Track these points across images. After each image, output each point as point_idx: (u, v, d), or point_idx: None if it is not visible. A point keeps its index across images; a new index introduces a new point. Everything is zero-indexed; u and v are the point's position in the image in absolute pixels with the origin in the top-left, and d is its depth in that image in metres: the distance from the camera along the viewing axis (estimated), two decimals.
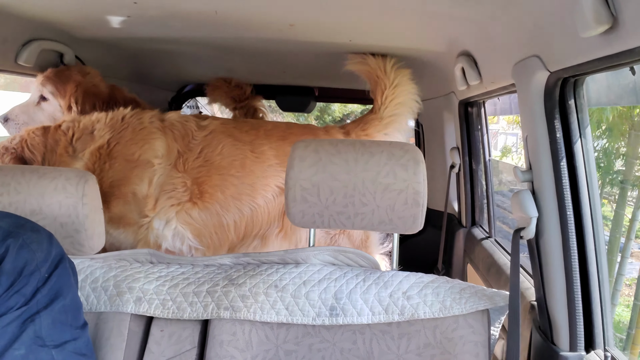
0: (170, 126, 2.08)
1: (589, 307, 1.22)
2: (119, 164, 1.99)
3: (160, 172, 2.01)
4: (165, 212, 2.00)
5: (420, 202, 1.27)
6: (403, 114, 2.28)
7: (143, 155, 2.00)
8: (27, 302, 0.96)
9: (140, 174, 1.99)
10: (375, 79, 2.28)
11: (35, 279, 0.98)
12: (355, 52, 2.25)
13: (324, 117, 10.93)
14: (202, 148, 2.06)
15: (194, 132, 2.09)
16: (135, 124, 2.04)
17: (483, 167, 2.38)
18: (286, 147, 2.11)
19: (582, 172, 1.22)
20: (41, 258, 1.00)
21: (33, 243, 1.01)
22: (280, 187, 2.10)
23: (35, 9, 1.70)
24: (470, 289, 1.27)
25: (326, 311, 1.24)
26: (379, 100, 2.28)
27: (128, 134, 2.02)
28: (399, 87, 2.25)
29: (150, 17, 1.81)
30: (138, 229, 2.02)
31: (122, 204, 1.98)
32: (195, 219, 2.03)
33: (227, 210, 2.06)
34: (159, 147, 2.03)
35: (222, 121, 2.20)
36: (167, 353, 1.24)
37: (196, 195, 2.02)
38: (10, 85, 4.93)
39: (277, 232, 2.16)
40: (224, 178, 2.05)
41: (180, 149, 2.05)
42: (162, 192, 2.01)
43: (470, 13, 1.49)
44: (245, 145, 2.10)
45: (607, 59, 0.96)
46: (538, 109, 1.25)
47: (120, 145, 2.00)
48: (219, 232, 2.07)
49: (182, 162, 2.03)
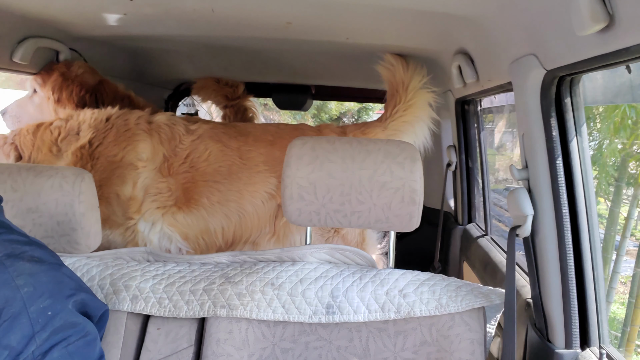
0: (157, 128, 2.06)
1: (584, 305, 1.23)
2: (101, 164, 1.98)
3: (145, 175, 2.00)
4: (150, 214, 1.99)
5: (417, 200, 1.27)
6: (406, 132, 2.24)
7: (126, 157, 1.99)
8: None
9: (123, 176, 1.98)
10: (394, 90, 2.25)
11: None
12: (351, 50, 2.25)
13: (321, 115, 10.93)
14: (188, 153, 2.04)
15: (181, 136, 2.07)
16: (120, 125, 2.03)
17: (479, 165, 2.39)
18: (275, 152, 2.10)
19: (577, 170, 1.22)
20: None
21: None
22: (269, 192, 2.08)
23: (31, 6, 1.69)
24: (467, 286, 1.27)
25: (323, 309, 1.24)
26: (389, 110, 2.26)
27: (112, 134, 2.01)
28: (412, 109, 2.22)
29: (146, 15, 1.81)
30: (124, 230, 2.01)
31: (105, 205, 1.96)
32: (180, 222, 2.02)
33: (213, 216, 2.04)
34: (143, 149, 2.01)
35: (211, 125, 2.17)
36: (164, 351, 1.24)
37: (181, 200, 2.01)
38: (6, 83, 4.91)
39: (269, 237, 2.14)
40: (209, 185, 2.03)
41: (166, 153, 2.03)
42: (146, 195, 2.00)
43: (467, 11, 1.49)
44: (233, 151, 2.08)
45: (603, 57, 0.97)
46: (534, 107, 1.25)
47: (102, 146, 1.99)
48: (205, 237, 2.06)
49: (167, 167, 2.02)
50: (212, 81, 3.07)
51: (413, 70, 2.21)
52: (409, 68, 2.21)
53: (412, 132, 2.26)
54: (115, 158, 1.98)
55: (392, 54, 2.23)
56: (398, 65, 2.22)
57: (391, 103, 2.26)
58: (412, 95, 2.21)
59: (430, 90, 2.22)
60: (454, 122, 2.45)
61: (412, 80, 2.21)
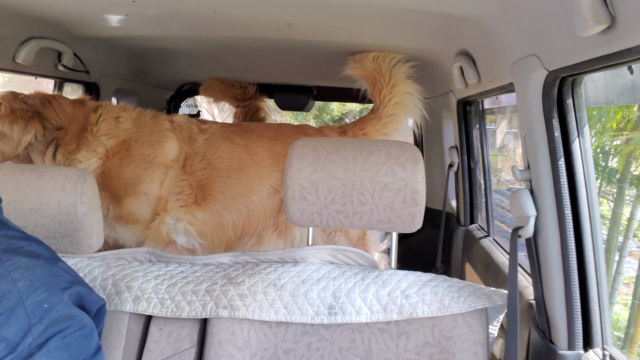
0: (179, 128, 2.16)
1: (587, 306, 1.22)
2: (136, 162, 2.06)
3: (171, 174, 2.09)
4: (175, 212, 2.07)
5: (419, 201, 1.27)
6: (401, 113, 2.30)
7: (158, 157, 2.08)
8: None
9: (153, 175, 2.06)
10: (372, 81, 2.30)
11: None
12: (353, 51, 2.26)
13: (323, 116, 10.93)
14: (204, 151, 2.13)
15: (196, 135, 2.17)
16: (151, 124, 2.13)
17: (481, 165, 2.39)
18: (277, 148, 2.19)
19: (580, 171, 1.22)
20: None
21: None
22: (273, 186, 2.17)
23: (34, 7, 1.70)
24: (469, 287, 1.27)
25: (325, 310, 1.24)
26: (377, 100, 2.31)
27: (146, 133, 2.09)
28: (396, 87, 2.27)
29: (148, 16, 1.81)
30: (146, 227, 2.07)
31: (134, 201, 2.04)
32: (198, 219, 2.09)
33: (227, 210, 2.12)
34: (171, 149, 2.10)
35: (220, 125, 2.28)
36: (166, 352, 1.24)
37: (200, 197, 2.09)
38: (9, 84, 4.92)
39: (272, 230, 2.21)
40: (224, 180, 2.12)
41: (187, 152, 2.13)
42: (170, 194, 2.08)
43: (469, 12, 1.49)
44: (240, 147, 2.17)
45: (605, 58, 0.96)
46: (536, 108, 1.25)
47: (137, 144, 2.07)
48: (219, 231, 2.13)
49: (190, 165, 2.11)
50: (219, 82, 3.08)
51: (378, 55, 2.24)
52: (373, 57, 2.24)
53: (406, 110, 2.31)
54: (149, 157, 2.06)
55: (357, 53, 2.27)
56: (363, 60, 2.26)
57: (376, 93, 2.31)
58: (389, 75, 2.25)
59: (403, 63, 2.26)
60: (456, 122, 2.45)
61: (382, 63, 2.24)
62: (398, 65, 2.26)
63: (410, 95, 2.30)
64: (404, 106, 2.29)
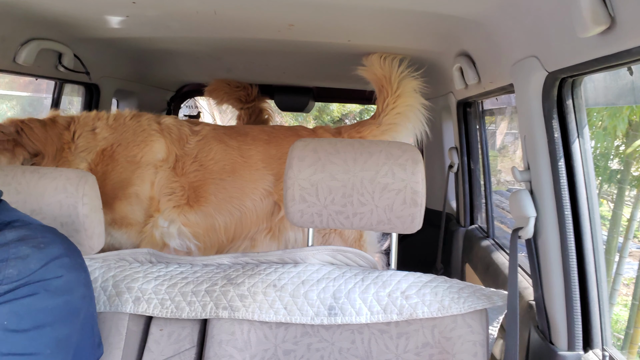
0: (167, 129, 2.13)
1: (587, 307, 1.22)
2: (122, 165, 2.03)
3: (161, 175, 2.07)
4: (168, 213, 2.06)
5: (419, 201, 1.27)
6: (401, 124, 2.27)
7: (145, 157, 2.05)
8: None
9: (143, 176, 2.04)
10: (380, 87, 2.29)
11: None
12: (354, 52, 2.26)
13: (323, 117, 10.93)
14: (196, 153, 2.12)
15: (188, 137, 2.15)
16: (135, 126, 2.09)
17: (481, 166, 2.39)
18: (271, 151, 2.18)
19: (580, 171, 1.22)
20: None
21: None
22: (267, 189, 2.15)
23: (35, 8, 1.70)
24: (469, 288, 1.27)
25: (325, 311, 1.24)
26: (380, 107, 2.29)
27: (129, 135, 2.06)
28: (401, 98, 2.24)
29: (149, 17, 1.81)
30: (141, 228, 2.05)
31: (125, 204, 2.02)
32: (191, 221, 2.08)
33: (219, 213, 2.11)
34: (159, 149, 2.08)
35: (213, 127, 2.26)
36: (166, 352, 1.24)
37: (192, 199, 2.08)
38: (9, 85, 4.92)
39: (266, 233, 2.20)
40: (217, 182, 2.11)
41: (177, 153, 2.11)
42: (161, 195, 2.07)
43: (469, 13, 1.49)
44: (234, 150, 2.16)
45: (605, 59, 0.97)
46: (536, 109, 1.25)
47: (121, 147, 2.04)
48: (210, 234, 2.12)
49: (180, 166, 2.09)
50: (224, 83, 3.08)
51: (391, 63, 2.23)
52: (386, 62, 2.23)
53: (407, 122, 2.29)
54: (135, 159, 2.04)
55: (368, 54, 2.26)
56: (375, 62, 2.24)
57: (380, 99, 2.30)
58: (397, 85, 2.24)
59: (413, 77, 2.25)
60: (456, 123, 2.45)
61: (392, 71, 2.23)
62: (408, 78, 2.24)
63: (414, 108, 2.27)
64: (405, 117, 2.27)
